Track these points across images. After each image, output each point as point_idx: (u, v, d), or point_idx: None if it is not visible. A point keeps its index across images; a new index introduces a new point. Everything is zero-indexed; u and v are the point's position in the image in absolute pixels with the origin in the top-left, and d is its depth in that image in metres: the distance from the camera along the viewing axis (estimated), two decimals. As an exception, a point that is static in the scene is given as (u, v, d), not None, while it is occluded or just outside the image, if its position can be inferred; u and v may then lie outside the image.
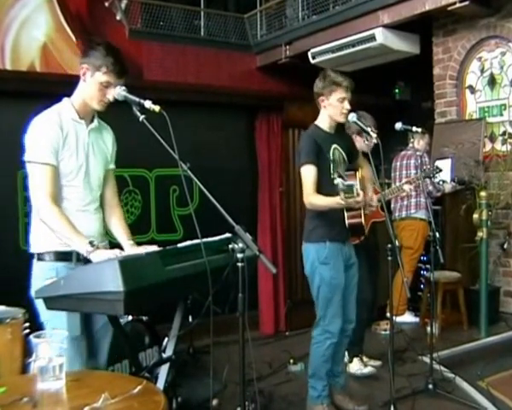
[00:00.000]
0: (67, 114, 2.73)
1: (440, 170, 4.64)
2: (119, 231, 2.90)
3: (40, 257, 2.69)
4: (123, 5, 6.03)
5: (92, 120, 2.83)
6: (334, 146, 3.67)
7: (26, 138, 2.66)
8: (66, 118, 2.71)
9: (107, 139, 2.94)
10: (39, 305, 2.63)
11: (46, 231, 2.62)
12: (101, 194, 2.91)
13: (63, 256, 2.65)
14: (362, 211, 3.66)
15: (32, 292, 2.67)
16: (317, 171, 3.56)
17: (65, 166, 2.68)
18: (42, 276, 2.63)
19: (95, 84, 2.69)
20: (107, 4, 5.87)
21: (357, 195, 3.40)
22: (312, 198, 3.57)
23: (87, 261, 2.50)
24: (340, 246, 3.68)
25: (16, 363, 3.12)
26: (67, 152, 2.68)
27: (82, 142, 2.75)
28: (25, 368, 3.13)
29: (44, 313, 2.62)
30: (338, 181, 3.25)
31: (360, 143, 4.30)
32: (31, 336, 2.09)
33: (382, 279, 4.58)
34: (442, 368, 4.25)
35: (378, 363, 4.70)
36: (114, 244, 2.83)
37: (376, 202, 3.81)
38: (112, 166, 2.97)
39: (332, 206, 3.48)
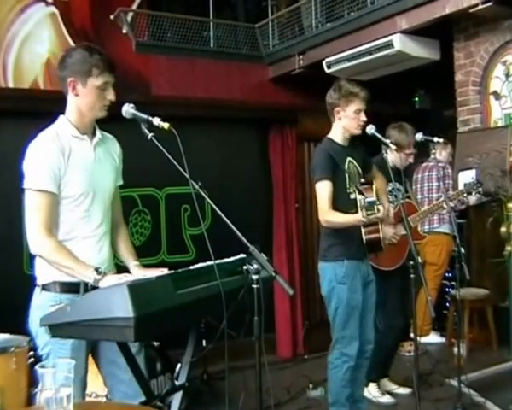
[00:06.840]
0: (67, 131, 2.51)
1: (481, 184, 4.44)
2: (125, 251, 2.73)
3: (45, 287, 2.48)
4: (129, 18, 5.90)
5: (94, 133, 2.61)
6: (349, 159, 3.64)
7: (24, 165, 2.47)
8: (67, 136, 2.50)
9: (115, 152, 2.72)
10: (38, 337, 2.48)
11: None
12: None
13: (70, 288, 2.44)
14: (380, 226, 3.59)
15: (31, 325, 2.51)
16: (333, 186, 3.50)
17: (71, 190, 2.47)
18: (43, 307, 2.42)
19: (91, 92, 2.48)
20: (112, 17, 5.74)
21: (378, 211, 3.38)
22: (329, 216, 3.49)
23: None
24: (358, 264, 3.58)
25: (21, 394, 3.07)
26: (72, 175, 2.47)
27: (88, 160, 2.54)
28: (30, 399, 3.05)
29: (46, 347, 2.46)
30: (359, 198, 3.24)
31: (395, 158, 4.14)
32: (36, 366, 1.95)
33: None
34: (471, 392, 4.10)
35: (408, 391, 4.49)
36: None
37: (393, 214, 3.77)
38: (120, 181, 2.77)
39: (352, 224, 3.45)
